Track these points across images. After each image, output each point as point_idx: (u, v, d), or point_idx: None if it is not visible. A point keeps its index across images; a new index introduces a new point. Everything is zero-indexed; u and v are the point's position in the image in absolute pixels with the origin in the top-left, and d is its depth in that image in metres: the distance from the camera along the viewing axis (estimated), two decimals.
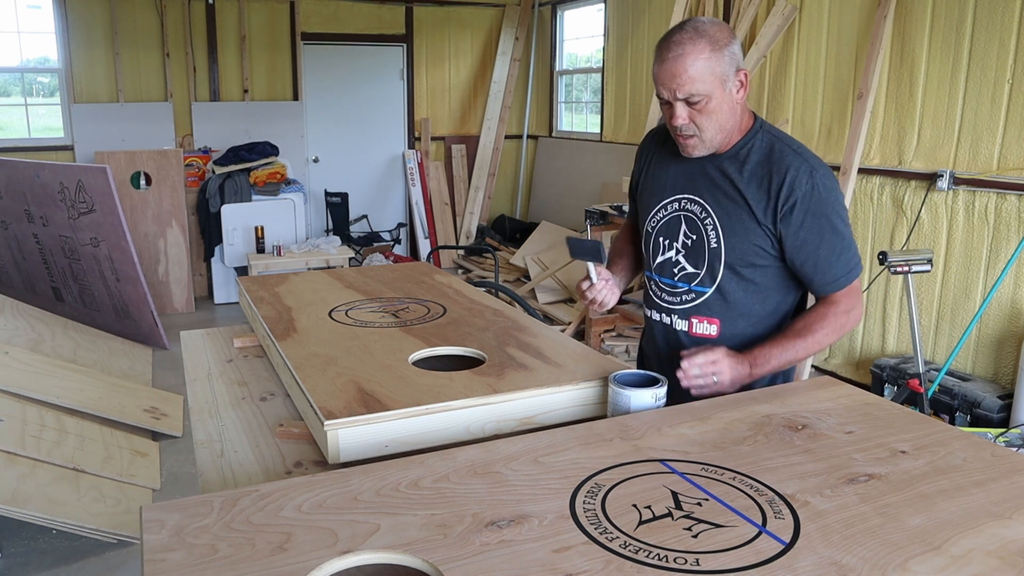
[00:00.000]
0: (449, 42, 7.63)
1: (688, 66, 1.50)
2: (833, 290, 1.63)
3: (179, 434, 3.79)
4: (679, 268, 1.71)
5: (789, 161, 1.57)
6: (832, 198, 1.58)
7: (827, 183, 1.58)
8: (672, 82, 1.52)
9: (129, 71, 6.48)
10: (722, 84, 1.53)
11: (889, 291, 4.31)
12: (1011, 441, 3.09)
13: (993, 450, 1.23)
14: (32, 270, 5.25)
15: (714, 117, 1.56)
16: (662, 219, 1.73)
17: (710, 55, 1.50)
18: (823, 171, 1.58)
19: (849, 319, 1.64)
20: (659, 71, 1.54)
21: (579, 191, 7.10)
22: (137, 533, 2.08)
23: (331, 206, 7.05)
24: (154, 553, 0.94)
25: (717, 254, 1.64)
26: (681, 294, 1.72)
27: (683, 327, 1.72)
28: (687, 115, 1.55)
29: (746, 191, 1.60)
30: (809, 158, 1.59)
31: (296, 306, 1.98)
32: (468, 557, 0.93)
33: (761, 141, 1.62)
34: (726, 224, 1.62)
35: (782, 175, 1.56)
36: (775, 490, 1.10)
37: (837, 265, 1.60)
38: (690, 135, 1.59)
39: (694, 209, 1.67)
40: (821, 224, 1.57)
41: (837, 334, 1.63)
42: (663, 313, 1.76)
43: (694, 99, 1.53)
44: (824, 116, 4.64)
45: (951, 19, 3.90)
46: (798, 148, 1.61)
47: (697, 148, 1.61)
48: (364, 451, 1.29)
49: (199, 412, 1.57)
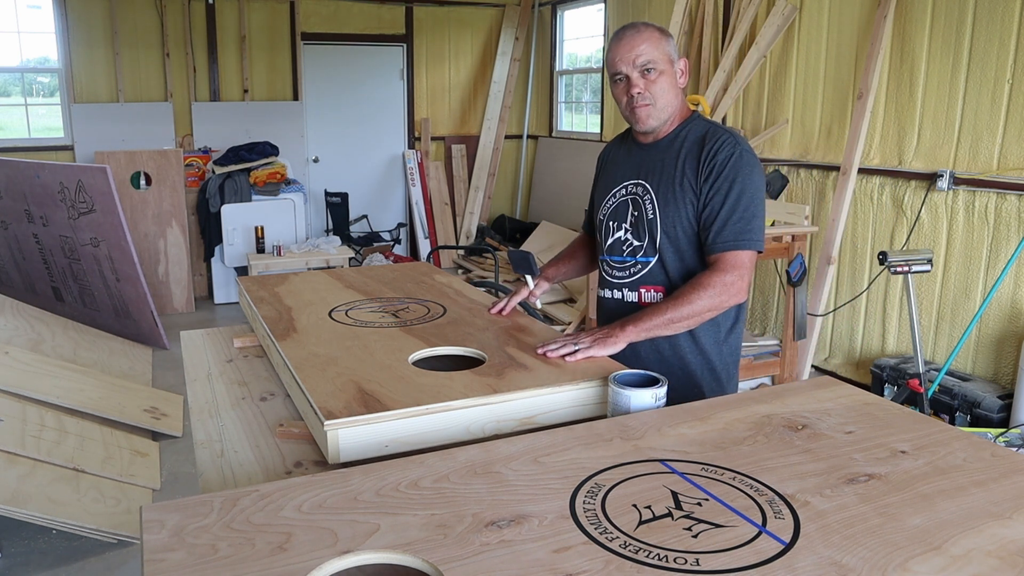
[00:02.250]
0: (449, 42, 7.63)
1: (645, 40, 1.76)
2: (719, 249, 1.74)
3: (179, 434, 3.79)
4: (627, 244, 1.89)
5: (721, 136, 1.78)
6: (749, 170, 1.74)
7: (749, 159, 1.76)
8: (631, 52, 1.75)
9: (129, 71, 6.48)
10: (671, 63, 1.79)
11: (889, 291, 4.31)
12: (1011, 441, 3.09)
13: (993, 450, 1.23)
14: (32, 270, 5.25)
15: (664, 91, 1.78)
16: (612, 205, 1.93)
17: (659, 37, 1.78)
18: (748, 149, 1.78)
19: (728, 292, 1.72)
20: (617, 47, 1.78)
21: (579, 191, 7.10)
22: (137, 533, 2.08)
23: (331, 206, 7.05)
24: (154, 553, 0.94)
25: (654, 224, 1.82)
26: (629, 267, 1.89)
27: (633, 298, 1.88)
28: (643, 84, 1.77)
29: (684, 165, 1.79)
30: (739, 139, 1.79)
31: (296, 306, 1.98)
32: (468, 557, 0.93)
33: (697, 125, 1.84)
34: (661, 195, 1.81)
35: (712, 144, 1.77)
36: (775, 490, 1.10)
37: (730, 227, 1.73)
38: (646, 103, 1.78)
39: (638, 191, 1.87)
40: (731, 186, 1.74)
41: (711, 302, 1.71)
42: (614, 289, 1.93)
43: (649, 67, 1.75)
44: (824, 116, 4.64)
45: (951, 19, 3.90)
46: (730, 130, 1.82)
47: (651, 116, 1.80)
48: (364, 451, 1.29)
49: (199, 412, 1.57)
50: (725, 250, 1.73)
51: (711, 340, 1.84)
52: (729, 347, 1.87)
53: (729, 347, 1.87)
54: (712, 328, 1.83)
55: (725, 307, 1.75)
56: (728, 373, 1.88)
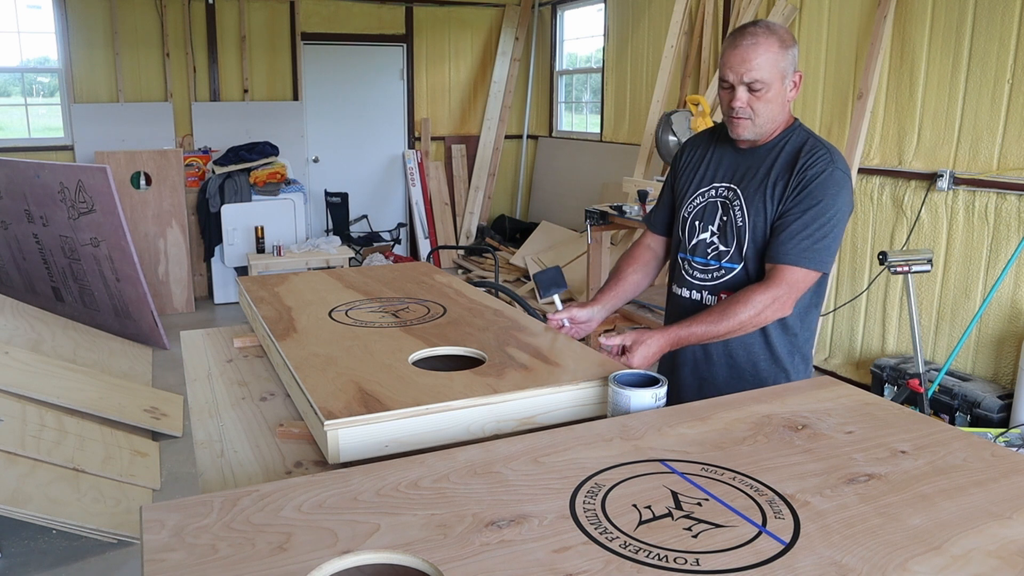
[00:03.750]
0: (449, 42, 7.63)
1: (759, 54, 1.67)
2: (779, 260, 1.70)
3: (179, 434, 3.79)
4: (712, 248, 1.85)
5: (818, 151, 1.73)
6: (836, 190, 1.69)
7: (841, 179, 1.70)
8: (741, 66, 1.68)
9: (129, 71, 6.48)
10: (782, 79, 1.71)
11: (889, 291, 4.31)
12: (1011, 441, 3.09)
13: (993, 450, 1.23)
14: (32, 270, 5.25)
15: (769, 107, 1.72)
16: (699, 205, 1.88)
17: (779, 50, 1.68)
18: (844, 170, 1.73)
19: (773, 307, 1.69)
20: (731, 55, 1.70)
21: (579, 191, 7.10)
22: (137, 533, 2.08)
23: (331, 206, 7.05)
24: (154, 553, 0.94)
25: (743, 231, 1.78)
26: (712, 271, 1.85)
27: (711, 301, 1.85)
28: (746, 100, 1.71)
29: (777, 175, 1.75)
30: (835, 155, 1.74)
31: (296, 306, 1.98)
32: (468, 557, 0.93)
33: (797, 136, 1.79)
34: (751, 203, 1.77)
35: (807, 158, 1.72)
36: (775, 490, 1.10)
37: (798, 241, 1.69)
38: (745, 118, 1.73)
39: (728, 195, 1.83)
40: (812, 203, 1.69)
41: (757, 318, 1.69)
42: (694, 290, 1.89)
43: (756, 86, 1.69)
44: (824, 116, 4.64)
45: (951, 19, 3.90)
46: (830, 146, 1.76)
47: (747, 130, 1.75)
48: (364, 451, 1.29)
49: (199, 412, 1.57)
50: (786, 263, 1.70)
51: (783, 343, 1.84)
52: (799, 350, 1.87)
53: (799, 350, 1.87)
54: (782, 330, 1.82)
55: (767, 321, 1.72)
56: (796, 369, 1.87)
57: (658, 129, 4.93)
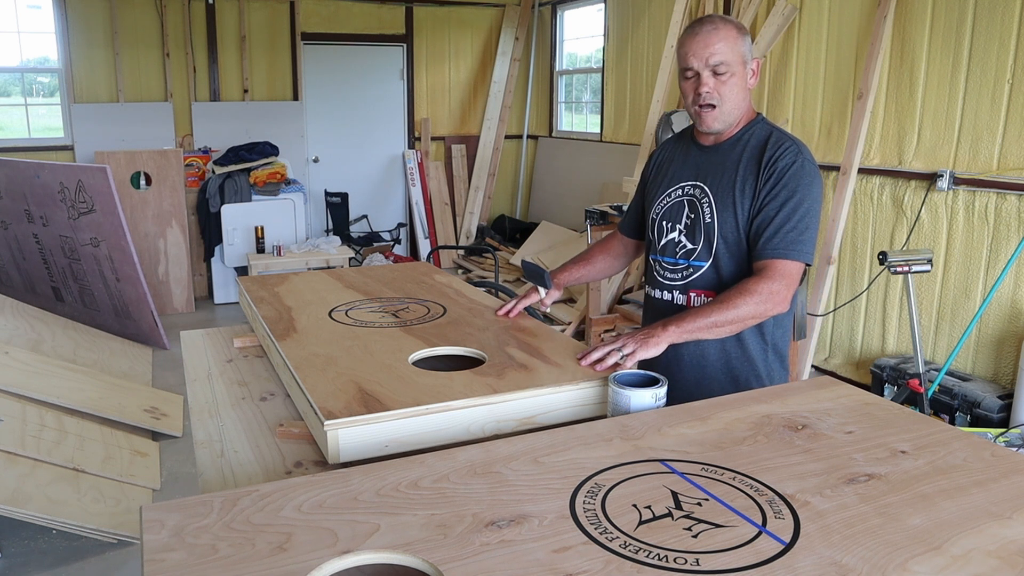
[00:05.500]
0: (449, 42, 7.63)
1: (720, 38, 1.70)
2: (768, 256, 1.70)
3: (179, 434, 3.79)
4: (680, 246, 1.85)
5: (784, 142, 1.75)
6: (809, 181, 1.71)
7: (810, 169, 1.72)
8: (705, 51, 1.70)
9: (129, 71, 6.48)
10: (743, 63, 1.74)
11: (889, 291, 4.31)
12: (1011, 441, 3.09)
13: (993, 450, 1.23)
14: (32, 270, 5.25)
15: (734, 92, 1.74)
16: (666, 205, 1.89)
17: (737, 35, 1.72)
18: (810, 160, 1.74)
19: (772, 300, 1.68)
20: (692, 42, 1.72)
21: (579, 191, 7.10)
22: (137, 533, 2.08)
23: (331, 206, 7.05)
24: (154, 553, 0.94)
25: (711, 228, 1.79)
26: (681, 270, 1.85)
27: (682, 301, 1.85)
28: (713, 84, 1.72)
29: (745, 169, 1.75)
30: (802, 147, 1.75)
31: (296, 306, 1.98)
32: (468, 557, 0.93)
33: (761, 129, 1.80)
34: (719, 200, 1.78)
35: (774, 151, 1.74)
36: (775, 490, 1.10)
37: (783, 235, 1.70)
38: (712, 105, 1.74)
39: (695, 193, 1.83)
40: (789, 195, 1.70)
41: (756, 309, 1.67)
42: (664, 290, 1.89)
43: (721, 68, 1.70)
44: (824, 116, 4.64)
45: (951, 19, 3.90)
46: (794, 138, 1.78)
47: (716, 120, 1.76)
48: (364, 451, 1.29)
49: (199, 412, 1.57)
50: (775, 257, 1.69)
51: (757, 348, 1.83)
52: (776, 353, 1.86)
53: (776, 353, 1.86)
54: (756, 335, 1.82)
55: (768, 315, 1.71)
56: (772, 376, 1.86)
57: (658, 129, 4.93)
